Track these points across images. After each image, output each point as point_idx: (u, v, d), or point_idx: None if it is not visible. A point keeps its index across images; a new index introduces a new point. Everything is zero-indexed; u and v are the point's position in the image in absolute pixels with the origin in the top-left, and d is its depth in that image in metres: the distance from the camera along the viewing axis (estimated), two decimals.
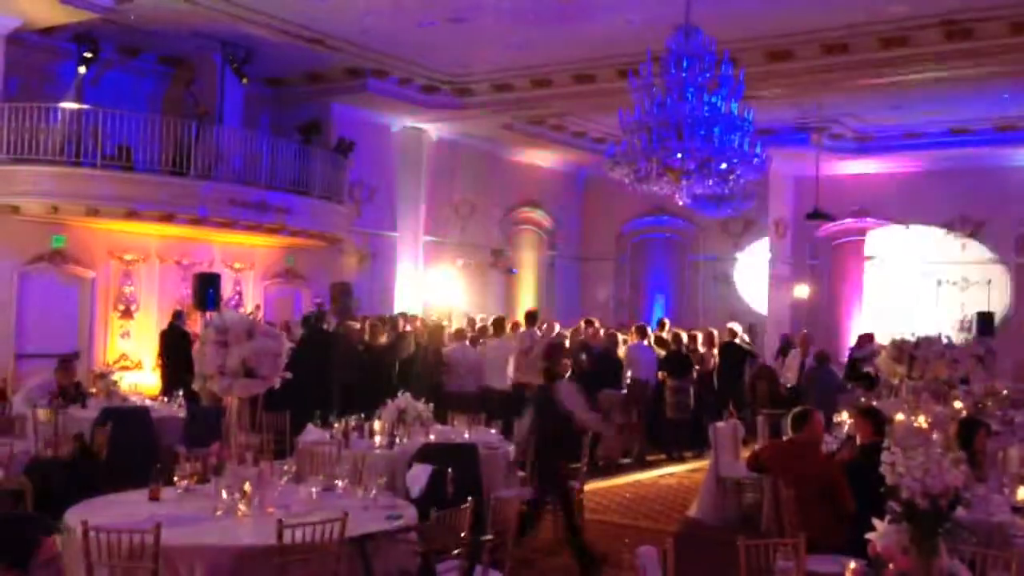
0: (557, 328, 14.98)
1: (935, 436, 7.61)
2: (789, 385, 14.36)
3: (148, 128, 13.91)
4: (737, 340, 15.66)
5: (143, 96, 15.92)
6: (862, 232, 21.23)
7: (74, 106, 13.70)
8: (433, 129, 19.03)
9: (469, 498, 5.78)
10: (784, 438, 9.03)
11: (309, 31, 14.03)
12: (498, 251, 20.68)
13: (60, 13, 12.76)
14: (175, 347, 13.08)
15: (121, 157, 13.68)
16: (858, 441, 7.15)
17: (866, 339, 16.26)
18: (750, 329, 18.23)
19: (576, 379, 11.91)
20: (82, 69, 14.35)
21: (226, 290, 15.48)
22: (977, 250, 19.86)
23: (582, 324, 15.23)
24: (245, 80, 15.12)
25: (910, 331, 10.52)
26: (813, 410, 6.98)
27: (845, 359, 17.63)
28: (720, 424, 10.34)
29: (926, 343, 9.81)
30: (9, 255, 13.50)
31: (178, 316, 13.54)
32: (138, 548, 4.82)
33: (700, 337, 15.39)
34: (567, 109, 17.83)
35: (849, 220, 20.92)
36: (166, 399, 11.20)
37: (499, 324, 13.68)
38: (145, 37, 14.59)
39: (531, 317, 13.76)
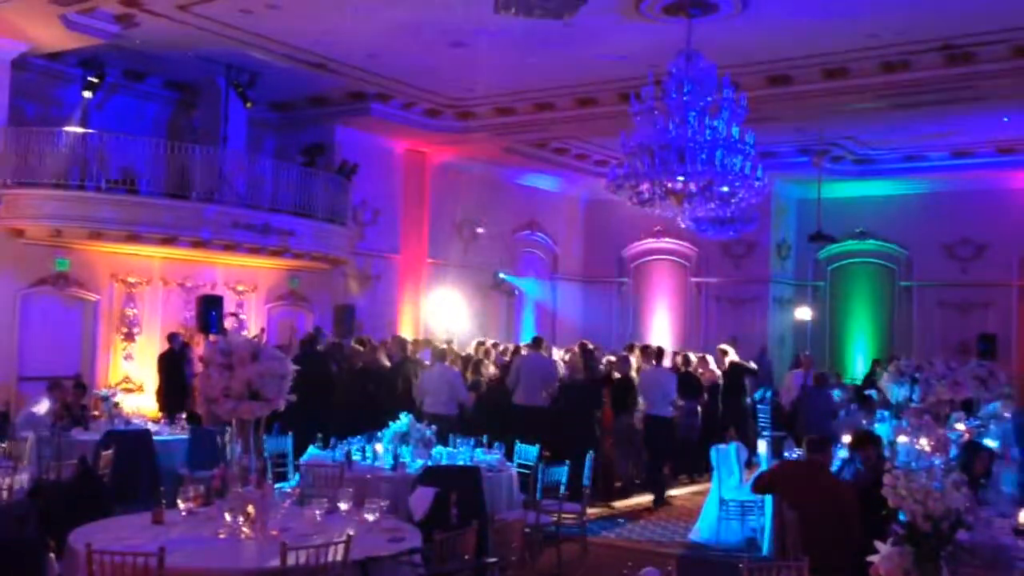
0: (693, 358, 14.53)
1: (937, 459, 7.60)
2: (788, 408, 14.33)
3: (152, 152, 13.98)
4: (734, 358, 15.52)
5: (148, 120, 16.01)
6: (863, 254, 21.27)
7: (79, 130, 13.78)
8: (436, 152, 19.13)
9: (473, 521, 5.79)
10: (794, 458, 9.06)
11: (313, 55, 14.12)
12: (497, 274, 20.70)
13: (66, 39, 12.85)
14: (172, 370, 13.14)
15: (125, 181, 13.74)
16: (861, 464, 7.15)
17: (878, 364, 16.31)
18: (761, 352, 18.20)
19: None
20: (87, 94, 14.43)
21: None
22: (978, 272, 19.87)
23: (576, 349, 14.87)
24: (249, 104, 15.19)
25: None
26: (830, 437, 7.00)
27: (848, 381, 17.70)
28: (722, 446, 10.34)
29: (927, 366, 9.81)
30: (12, 278, 13.54)
31: (173, 339, 13.57)
32: (142, 571, 4.83)
33: (708, 359, 15.28)
34: (569, 132, 17.91)
35: (851, 242, 20.97)
36: (168, 421, 11.22)
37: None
38: (150, 62, 14.69)
39: (537, 342, 13.71)
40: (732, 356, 15.25)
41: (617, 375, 13.24)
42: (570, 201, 23.13)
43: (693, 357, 14.59)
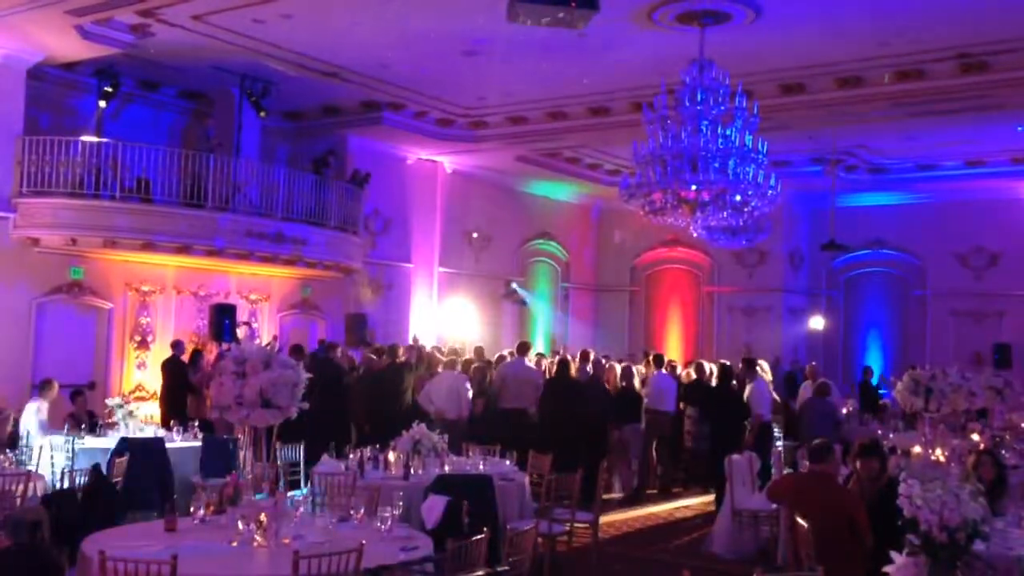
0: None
1: (953, 469, 7.56)
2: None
3: (167, 161, 14.04)
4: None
5: (162, 129, 16.08)
6: (876, 263, 21.22)
7: (94, 139, 13.84)
8: (448, 161, 19.16)
9: (484, 529, 5.78)
10: (804, 470, 9.01)
11: (326, 65, 14.17)
12: (509, 283, 20.69)
13: (82, 49, 12.92)
14: (174, 378, 13.18)
15: (140, 189, 13.80)
16: (862, 475, 7.08)
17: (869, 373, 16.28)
18: (776, 361, 18.14)
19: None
20: (103, 103, 14.50)
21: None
22: (992, 282, 19.78)
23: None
24: (263, 113, 15.25)
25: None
26: (832, 444, 6.93)
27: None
28: (736, 456, 10.29)
29: (942, 375, 9.74)
30: (27, 286, 13.59)
31: (176, 346, 13.61)
32: None
33: (712, 369, 15.24)
34: (581, 141, 17.91)
35: (864, 251, 20.91)
36: (182, 429, 11.24)
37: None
38: (165, 71, 14.77)
39: (523, 348, 13.79)
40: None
41: (623, 385, 13.38)
42: (582, 210, 23.13)
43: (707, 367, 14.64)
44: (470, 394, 12.49)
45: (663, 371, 14.15)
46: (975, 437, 9.59)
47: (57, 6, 11.44)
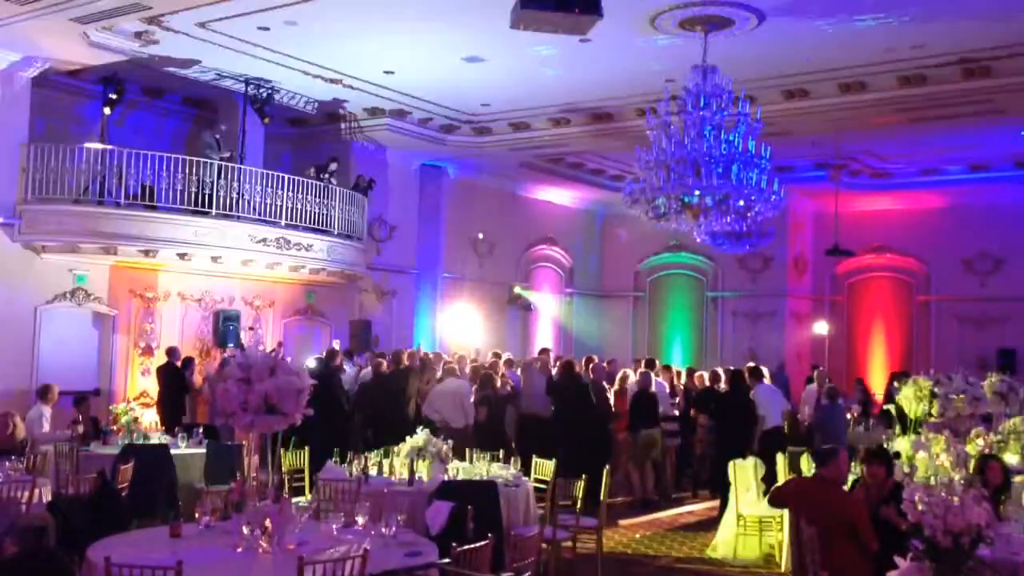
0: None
1: (957, 474, 7.55)
2: (806, 422, 14.27)
3: (171, 167, 14.06)
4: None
5: (166, 136, 16.13)
6: (880, 268, 21.21)
7: (98, 146, 13.87)
8: (452, 167, 19.18)
9: (489, 535, 5.78)
10: (811, 474, 8.99)
11: (330, 71, 14.20)
12: (513, 289, 20.71)
13: (87, 56, 12.96)
14: (170, 385, 13.20)
15: (144, 196, 13.83)
16: (868, 480, 7.08)
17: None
18: (779, 366, 18.13)
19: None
20: (107, 110, 14.51)
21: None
22: (997, 287, 19.76)
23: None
24: (267, 120, 15.27)
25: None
26: (839, 448, 6.92)
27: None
28: (740, 461, 10.28)
29: (947, 381, 9.74)
30: (32, 293, 13.61)
31: (172, 353, 13.65)
32: None
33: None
34: (585, 147, 17.94)
35: (869, 256, 20.90)
36: (186, 436, 11.24)
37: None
38: (169, 78, 14.80)
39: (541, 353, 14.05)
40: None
41: (637, 389, 13.39)
42: (586, 215, 23.15)
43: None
44: (472, 399, 12.50)
45: (656, 376, 14.17)
46: (980, 442, 9.55)
47: (62, 14, 11.47)
